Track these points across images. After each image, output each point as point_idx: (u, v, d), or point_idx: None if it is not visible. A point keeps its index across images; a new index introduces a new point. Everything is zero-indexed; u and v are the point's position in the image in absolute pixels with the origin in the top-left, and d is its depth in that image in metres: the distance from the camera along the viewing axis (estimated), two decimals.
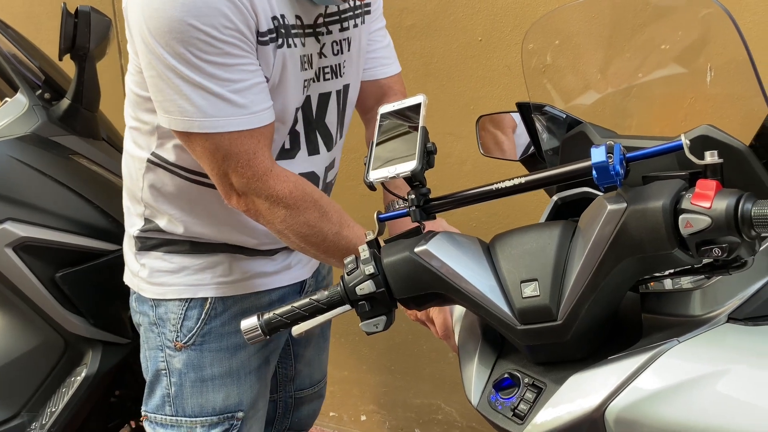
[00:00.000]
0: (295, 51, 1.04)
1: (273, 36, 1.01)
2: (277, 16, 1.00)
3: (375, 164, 0.81)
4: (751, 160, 0.75)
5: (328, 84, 1.12)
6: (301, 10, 1.05)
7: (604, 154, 0.68)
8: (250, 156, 1.00)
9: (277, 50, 1.02)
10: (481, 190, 0.81)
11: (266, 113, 1.02)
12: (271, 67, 1.02)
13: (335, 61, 1.12)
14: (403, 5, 1.74)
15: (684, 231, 0.64)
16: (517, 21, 1.65)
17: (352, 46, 1.15)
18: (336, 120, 1.17)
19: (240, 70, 0.98)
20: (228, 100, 0.98)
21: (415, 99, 0.87)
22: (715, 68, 0.84)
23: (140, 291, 1.20)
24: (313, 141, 1.14)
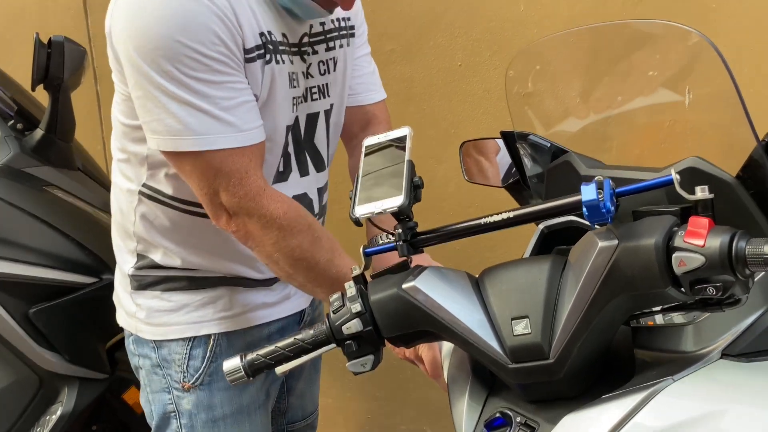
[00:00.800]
0: (283, 68, 1.04)
1: (260, 52, 1.00)
2: (264, 33, 1.00)
3: (361, 199, 0.80)
4: (739, 192, 0.75)
5: (316, 104, 1.12)
6: (286, 28, 1.05)
7: (595, 191, 0.67)
8: (242, 174, 0.98)
9: (265, 66, 1.01)
10: (469, 224, 0.79)
11: (256, 131, 1.00)
12: (259, 84, 1.01)
13: (322, 81, 1.12)
14: (382, 30, 1.74)
15: (677, 269, 0.64)
16: (496, 46, 1.65)
17: (338, 67, 1.14)
18: (325, 141, 1.16)
19: (228, 88, 0.97)
20: (217, 117, 0.96)
21: (400, 131, 0.85)
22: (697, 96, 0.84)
23: (138, 333, 1.15)
24: (303, 162, 1.13)
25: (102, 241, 1.29)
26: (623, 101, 0.91)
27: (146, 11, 0.94)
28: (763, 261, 0.60)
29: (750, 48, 1.40)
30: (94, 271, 1.33)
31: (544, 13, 1.58)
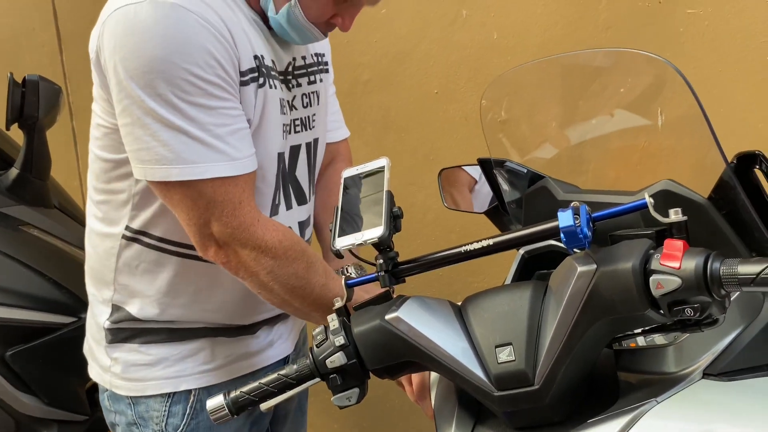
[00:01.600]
0: (275, 93, 1.02)
1: (254, 75, 0.98)
2: (257, 56, 0.99)
3: (341, 231, 0.80)
4: (711, 213, 0.77)
5: (299, 136, 1.10)
6: (274, 55, 1.04)
7: (572, 217, 0.68)
8: (235, 204, 0.95)
9: (258, 90, 0.98)
10: (449, 252, 0.80)
11: (249, 160, 0.98)
12: (252, 107, 0.98)
13: (305, 113, 1.11)
14: (359, 60, 1.76)
15: (655, 292, 0.64)
16: (471, 73, 1.68)
17: (321, 100, 1.14)
18: (307, 174, 1.14)
19: (223, 114, 0.94)
20: (209, 145, 0.93)
21: (378, 162, 0.86)
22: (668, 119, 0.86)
23: (114, 388, 1.09)
24: (288, 195, 1.11)
25: (79, 279, 1.27)
26: (596, 127, 0.93)
27: (139, 31, 0.89)
28: (737, 281, 0.61)
29: (718, 70, 1.44)
30: (72, 310, 1.31)
31: (516, 40, 1.61)
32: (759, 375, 0.71)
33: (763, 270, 0.59)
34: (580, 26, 1.55)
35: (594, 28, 1.54)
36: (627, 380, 0.75)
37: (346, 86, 1.79)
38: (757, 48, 1.40)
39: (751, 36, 1.40)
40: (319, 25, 1.01)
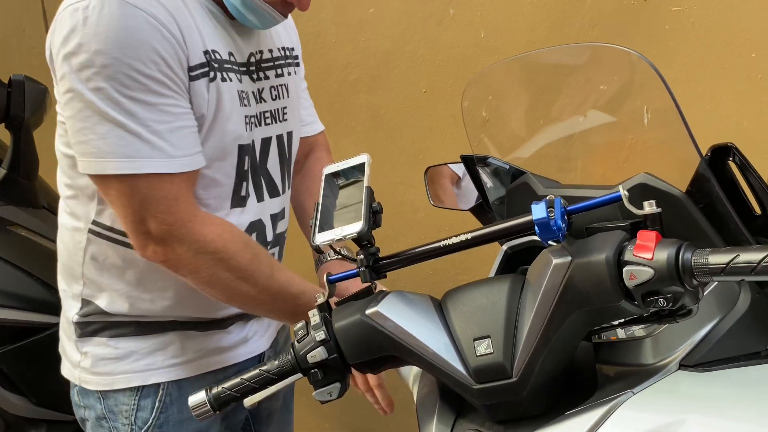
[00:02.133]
0: (231, 85, 1.01)
1: (205, 70, 0.97)
2: (208, 50, 0.97)
3: (321, 226, 0.80)
4: (688, 207, 0.77)
5: (269, 129, 1.09)
6: (233, 46, 1.03)
7: (545, 209, 0.68)
8: (170, 202, 0.94)
9: (209, 84, 0.97)
10: (429, 247, 0.80)
11: (190, 159, 0.96)
12: (205, 102, 0.97)
13: (275, 106, 1.10)
14: (347, 60, 1.77)
15: (629, 283, 0.65)
16: (459, 72, 1.68)
17: (291, 93, 1.13)
18: (279, 167, 1.12)
19: (163, 111, 0.92)
20: (146, 140, 0.92)
21: (359, 158, 0.86)
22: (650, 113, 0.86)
23: (83, 384, 1.09)
24: (259, 186, 1.09)
25: None
26: (575, 123, 0.94)
27: (84, 27, 0.90)
28: (708, 271, 0.62)
29: (704, 67, 1.45)
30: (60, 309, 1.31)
31: (503, 39, 1.62)
32: (734, 366, 0.72)
33: (733, 259, 0.60)
34: (566, 24, 1.56)
35: (580, 27, 1.55)
36: (605, 373, 0.76)
37: (335, 86, 1.80)
38: (742, 45, 1.41)
39: (736, 33, 1.41)
40: (275, 4, 1.00)
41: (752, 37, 1.39)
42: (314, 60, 1.79)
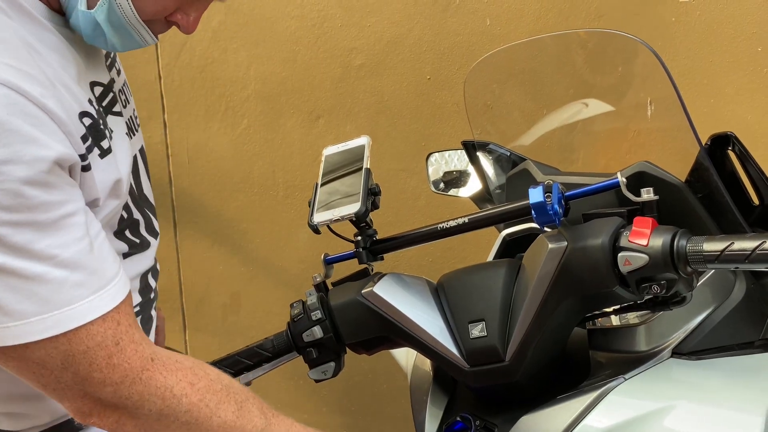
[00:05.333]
0: (118, 122, 0.79)
1: (89, 144, 0.70)
2: (85, 111, 0.70)
3: (319, 207, 0.81)
4: (687, 196, 0.77)
5: (132, 145, 0.84)
6: (94, 70, 0.77)
7: (542, 194, 0.69)
8: (111, 351, 0.67)
9: (105, 156, 0.72)
10: (426, 230, 0.81)
11: (119, 281, 0.69)
12: (97, 183, 0.71)
13: (127, 114, 0.85)
14: (351, 45, 1.76)
15: (623, 269, 0.65)
16: (463, 59, 1.68)
17: (130, 89, 0.90)
18: (150, 188, 0.90)
19: (66, 227, 0.64)
20: (51, 281, 0.63)
21: (359, 140, 0.87)
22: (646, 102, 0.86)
23: None
24: (148, 220, 0.86)
25: None
26: (577, 110, 0.94)
27: None
28: (702, 258, 0.62)
29: (709, 60, 1.44)
30: None
31: (509, 27, 1.61)
32: (727, 354, 0.72)
33: (728, 247, 0.60)
34: (572, 14, 1.55)
35: (586, 16, 1.54)
36: (598, 359, 0.76)
37: (339, 71, 1.79)
38: (747, 38, 1.40)
39: (742, 27, 1.40)
40: (154, 23, 0.74)
41: (758, 31, 1.39)
42: (319, 44, 1.78)
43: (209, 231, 2.06)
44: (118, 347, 0.67)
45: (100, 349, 0.67)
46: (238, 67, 1.86)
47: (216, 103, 1.91)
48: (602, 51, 0.88)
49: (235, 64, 1.86)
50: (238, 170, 1.96)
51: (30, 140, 0.61)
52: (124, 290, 0.70)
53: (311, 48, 1.79)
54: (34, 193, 0.62)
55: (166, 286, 2.11)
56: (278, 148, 1.90)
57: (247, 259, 2.05)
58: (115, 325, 0.68)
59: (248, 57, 1.84)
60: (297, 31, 1.77)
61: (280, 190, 1.94)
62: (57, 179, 0.64)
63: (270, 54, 1.82)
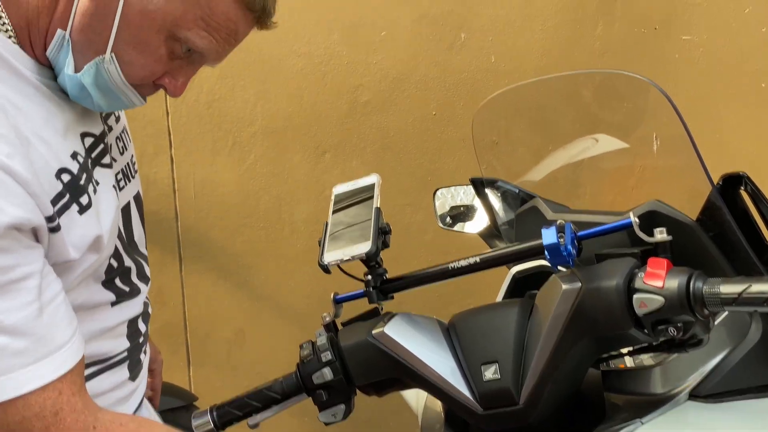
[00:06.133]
0: (106, 174, 0.77)
1: (65, 201, 0.68)
2: (64, 168, 0.69)
3: (330, 246, 0.80)
4: (699, 235, 0.76)
5: (126, 192, 0.83)
6: (86, 123, 0.76)
7: (555, 235, 0.68)
8: (48, 422, 0.65)
9: (85, 212, 0.70)
10: (437, 269, 0.80)
11: (68, 349, 0.67)
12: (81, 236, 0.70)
13: (124, 161, 0.84)
14: (358, 82, 1.78)
15: (639, 311, 0.64)
16: (469, 96, 1.69)
17: (129, 134, 0.89)
18: (142, 235, 0.89)
19: (12, 291, 0.63)
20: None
21: (369, 179, 0.87)
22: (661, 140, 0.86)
23: None
24: (140, 267, 0.85)
25: None
26: (586, 148, 0.94)
27: None
28: (719, 300, 0.61)
29: (713, 95, 1.45)
30: None
31: (514, 64, 1.63)
32: (745, 397, 0.71)
33: (746, 289, 0.59)
34: (576, 51, 1.57)
35: (590, 53, 1.56)
36: (613, 401, 0.75)
37: (345, 107, 1.81)
38: (750, 74, 1.42)
39: (745, 63, 1.42)
40: (142, 87, 0.73)
41: (762, 68, 1.40)
42: (325, 81, 1.80)
43: (214, 266, 2.06)
44: (56, 417, 0.65)
45: (37, 420, 0.64)
46: (245, 104, 1.88)
47: (223, 138, 1.93)
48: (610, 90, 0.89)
49: (242, 100, 1.88)
50: (244, 205, 1.96)
51: None
52: (75, 357, 0.68)
53: (318, 85, 1.81)
54: None
55: (171, 321, 2.10)
56: (284, 182, 1.91)
57: (253, 295, 2.04)
58: (56, 395, 0.65)
59: (255, 93, 1.86)
60: (304, 68, 1.80)
61: (285, 224, 1.94)
62: (10, 243, 0.62)
63: (277, 91, 1.84)
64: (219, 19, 0.69)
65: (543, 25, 1.56)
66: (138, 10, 0.67)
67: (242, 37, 0.73)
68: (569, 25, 1.54)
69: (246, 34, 0.73)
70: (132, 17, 0.67)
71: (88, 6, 0.67)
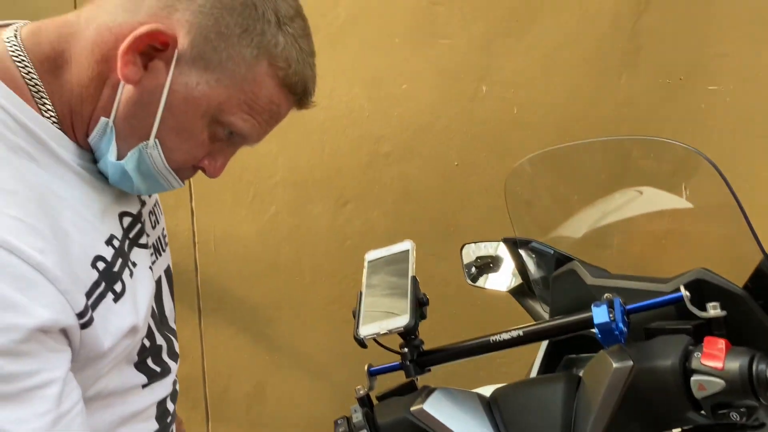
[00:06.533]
0: (142, 255, 0.76)
1: (101, 291, 0.66)
2: (100, 255, 0.68)
3: (365, 319, 0.78)
4: (750, 304, 0.74)
5: (157, 266, 0.82)
6: (124, 202, 0.75)
7: (606, 313, 0.66)
8: None
9: (120, 299, 0.69)
10: (477, 342, 0.77)
11: None
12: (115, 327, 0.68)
13: (156, 235, 0.83)
14: (380, 133, 1.78)
15: (697, 393, 0.61)
16: (491, 146, 1.69)
17: (161, 205, 0.89)
18: (173, 308, 0.88)
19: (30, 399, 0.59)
20: None
21: (402, 245, 0.85)
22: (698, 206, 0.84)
23: None
24: (170, 344, 0.84)
25: None
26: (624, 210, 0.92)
27: None
28: None
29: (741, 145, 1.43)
30: None
31: (537, 116, 1.62)
32: None
33: None
34: (599, 102, 1.56)
35: (614, 104, 1.55)
36: None
37: (367, 158, 1.81)
38: None
39: None
40: (182, 170, 0.73)
41: None
42: (347, 133, 1.80)
43: (234, 318, 2.03)
44: None
45: None
46: (266, 156, 1.88)
47: (244, 190, 1.92)
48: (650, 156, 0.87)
49: (264, 152, 1.88)
50: (264, 256, 1.95)
51: (9, 306, 0.57)
52: None
53: (339, 137, 1.81)
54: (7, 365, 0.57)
55: (190, 374, 2.07)
56: (305, 233, 1.90)
57: (272, 347, 2.01)
58: None
59: (277, 145, 1.86)
60: (326, 121, 1.80)
61: (306, 276, 1.92)
62: (34, 347, 0.59)
63: (298, 142, 1.84)
64: (262, 103, 0.69)
65: (565, 76, 1.56)
66: (182, 97, 0.67)
67: (283, 117, 0.73)
68: (592, 76, 1.54)
69: (286, 115, 0.74)
70: (176, 104, 0.67)
71: (133, 94, 0.67)
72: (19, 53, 0.66)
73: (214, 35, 0.66)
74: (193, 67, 0.66)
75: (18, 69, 0.66)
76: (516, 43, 1.60)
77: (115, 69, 0.66)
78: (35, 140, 0.65)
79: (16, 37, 0.67)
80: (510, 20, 1.61)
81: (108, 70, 0.67)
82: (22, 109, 0.64)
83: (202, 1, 0.65)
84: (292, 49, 0.68)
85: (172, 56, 0.65)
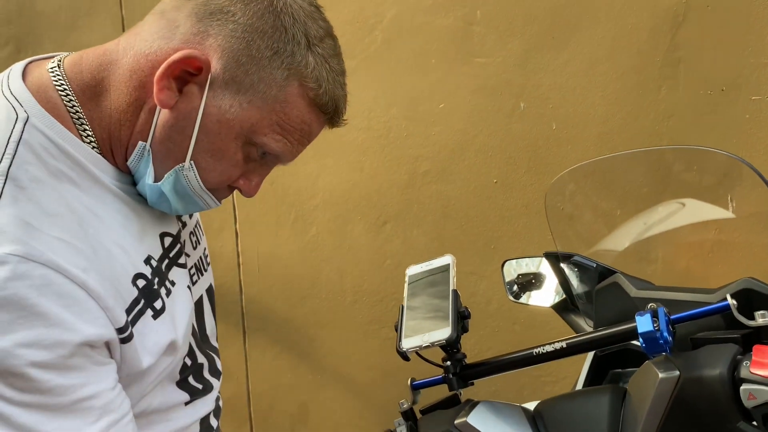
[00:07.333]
0: (181, 274, 0.77)
1: (140, 308, 0.69)
2: (140, 273, 0.70)
3: (407, 332, 0.79)
4: None
5: (198, 286, 0.84)
6: (163, 223, 0.77)
7: (650, 322, 0.65)
8: None
9: (159, 316, 0.71)
10: (520, 355, 0.77)
11: None
12: (154, 343, 0.70)
13: (197, 255, 0.85)
14: (417, 153, 1.80)
15: (747, 403, 0.60)
16: (530, 163, 1.68)
17: (202, 226, 0.90)
18: (214, 326, 0.89)
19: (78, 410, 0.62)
20: None
21: (443, 260, 0.86)
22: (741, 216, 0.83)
23: None
24: (211, 361, 0.85)
25: None
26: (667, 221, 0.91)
27: None
28: None
29: None
30: None
31: (575, 131, 1.62)
32: None
33: None
34: (640, 115, 1.55)
35: (655, 117, 1.53)
36: None
37: (405, 177, 1.82)
38: None
39: None
40: (218, 190, 0.74)
41: None
42: (385, 153, 1.83)
43: (278, 338, 2.06)
44: None
45: None
46: (307, 178, 1.92)
47: (286, 212, 1.96)
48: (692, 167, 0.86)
49: (305, 175, 1.92)
50: (306, 276, 1.98)
51: (56, 323, 0.60)
52: None
53: (378, 157, 1.83)
54: (47, 377, 0.60)
55: (235, 394, 2.09)
56: (346, 253, 1.92)
57: (315, 367, 2.02)
58: None
59: (317, 167, 1.90)
60: (364, 142, 1.83)
61: (348, 295, 1.94)
62: (81, 361, 0.62)
63: (338, 164, 1.87)
64: (294, 123, 0.71)
65: (604, 90, 1.55)
66: (216, 119, 0.69)
67: (315, 137, 0.75)
68: (631, 90, 1.53)
69: (318, 134, 0.75)
70: (210, 126, 0.69)
71: (168, 118, 0.69)
72: (62, 82, 0.69)
73: (245, 59, 0.67)
74: (226, 90, 0.68)
75: (60, 98, 0.69)
76: (553, 59, 1.61)
77: (151, 94, 0.68)
78: (76, 165, 0.68)
79: (59, 67, 0.71)
80: (546, 36, 1.61)
81: (145, 96, 0.69)
82: (64, 136, 0.68)
83: (233, 26, 0.67)
84: (322, 69, 0.70)
85: (206, 80, 0.67)
